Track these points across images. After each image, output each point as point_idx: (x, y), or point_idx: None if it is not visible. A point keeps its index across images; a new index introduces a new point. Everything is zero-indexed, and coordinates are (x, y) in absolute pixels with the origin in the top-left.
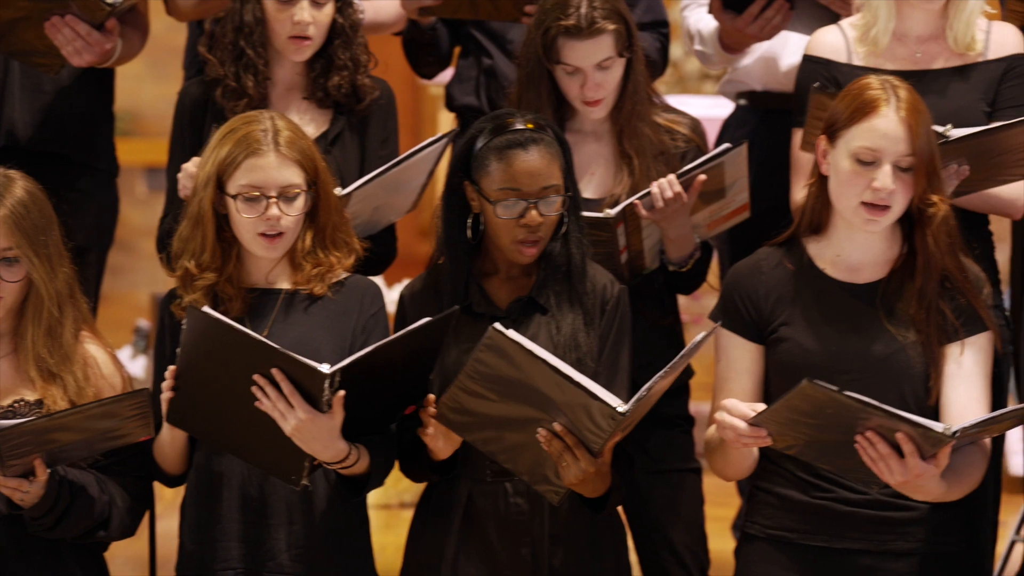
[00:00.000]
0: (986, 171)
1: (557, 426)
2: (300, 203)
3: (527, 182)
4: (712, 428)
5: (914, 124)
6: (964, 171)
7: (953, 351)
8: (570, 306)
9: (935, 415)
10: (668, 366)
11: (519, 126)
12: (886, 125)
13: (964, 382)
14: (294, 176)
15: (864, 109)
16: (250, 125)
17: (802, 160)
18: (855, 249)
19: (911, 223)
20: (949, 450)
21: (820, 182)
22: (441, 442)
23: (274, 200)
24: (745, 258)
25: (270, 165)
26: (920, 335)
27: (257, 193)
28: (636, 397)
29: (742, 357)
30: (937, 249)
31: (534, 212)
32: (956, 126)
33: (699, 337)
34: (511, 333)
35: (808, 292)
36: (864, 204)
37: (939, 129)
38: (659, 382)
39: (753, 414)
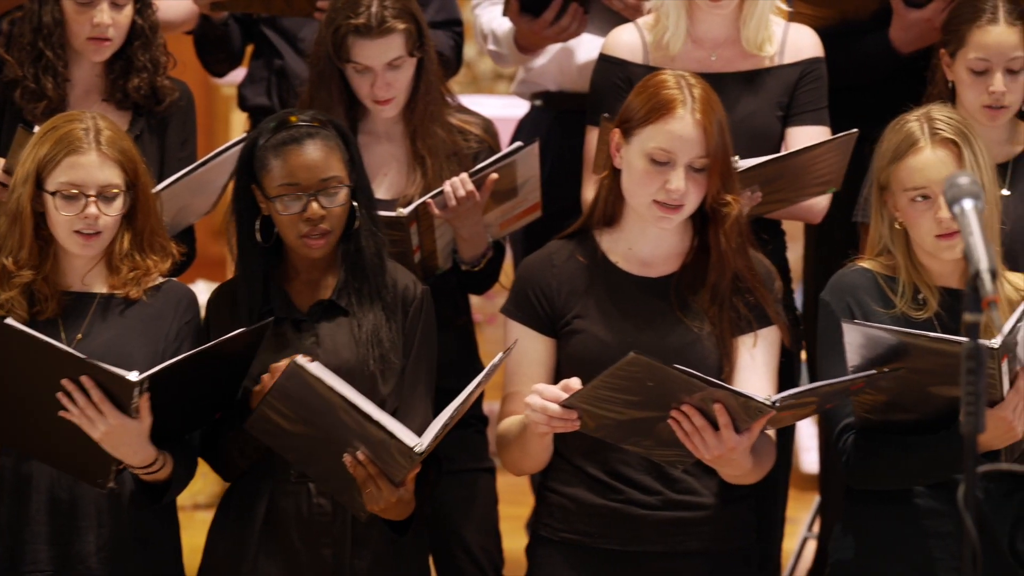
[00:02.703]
0: (784, 192)
1: (360, 455)
2: (119, 204)
3: (305, 175)
4: (506, 421)
5: (708, 125)
6: (756, 197)
7: (746, 342)
8: (371, 303)
9: None
10: (463, 393)
11: (295, 123)
12: (681, 127)
13: (756, 372)
14: (114, 176)
15: (660, 109)
16: (72, 123)
17: (592, 159)
18: (647, 243)
19: (703, 218)
20: (763, 422)
21: (613, 175)
22: None
23: (93, 199)
24: (536, 251)
25: (90, 164)
26: (714, 328)
27: (76, 191)
28: (433, 435)
29: (534, 350)
30: (729, 247)
31: (315, 205)
32: (751, 130)
33: (496, 359)
34: (312, 367)
35: (601, 285)
36: (656, 202)
37: None
38: (456, 413)
39: (565, 396)
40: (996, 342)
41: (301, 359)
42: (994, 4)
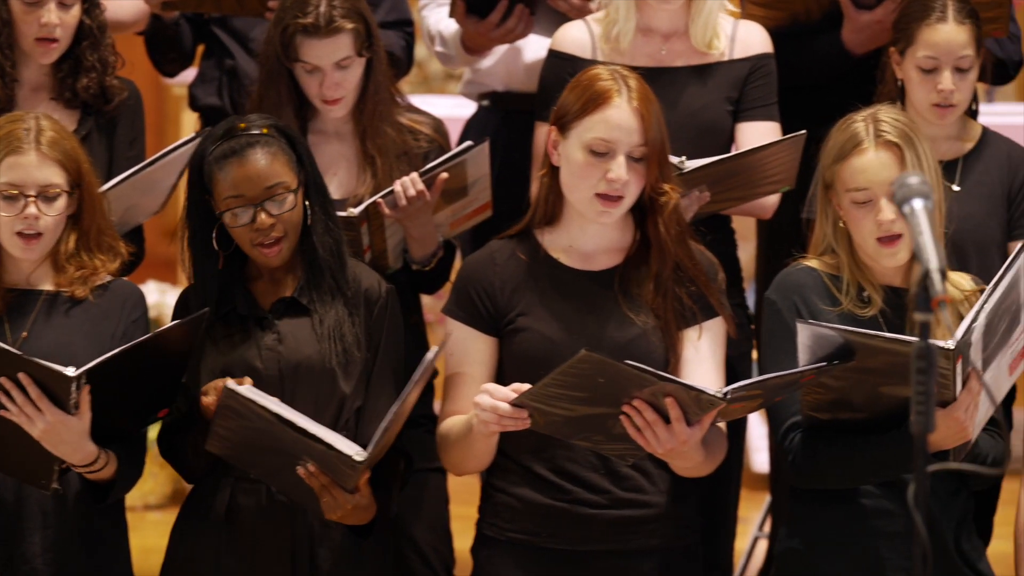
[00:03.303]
0: (738, 190)
1: (311, 467)
2: (60, 204)
3: (248, 186)
4: (448, 422)
5: (646, 114)
6: (704, 197)
7: (691, 335)
8: (332, 299)
9: None
10: (400, 396)
11: (238, 133)
12: (619, 116)
13: (702, 365)
14: (55, 176)
15: (596, 100)
16: (14, 124)
17: (542, 155)
18: (588, 238)
19: (642, 211)
20: (714, 414)
21: (551, 173)
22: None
23: (33, 199)
24: (477, 251)
25: (30, 163)
26: (658, 320)
27: (16, 191)
28: (374, 440)
29: (477, 349)
30: (669, 236)
31: (262, 215)
32: (701, 124)
33: (428, 355)
34: (243, 390)
35: (544, 281)
36: (598, 195)
37: (674, 160)
38: (396, 415)
39: (515, 396)
40: (951, 343)
41: (231, 383)
42: (943, 3)
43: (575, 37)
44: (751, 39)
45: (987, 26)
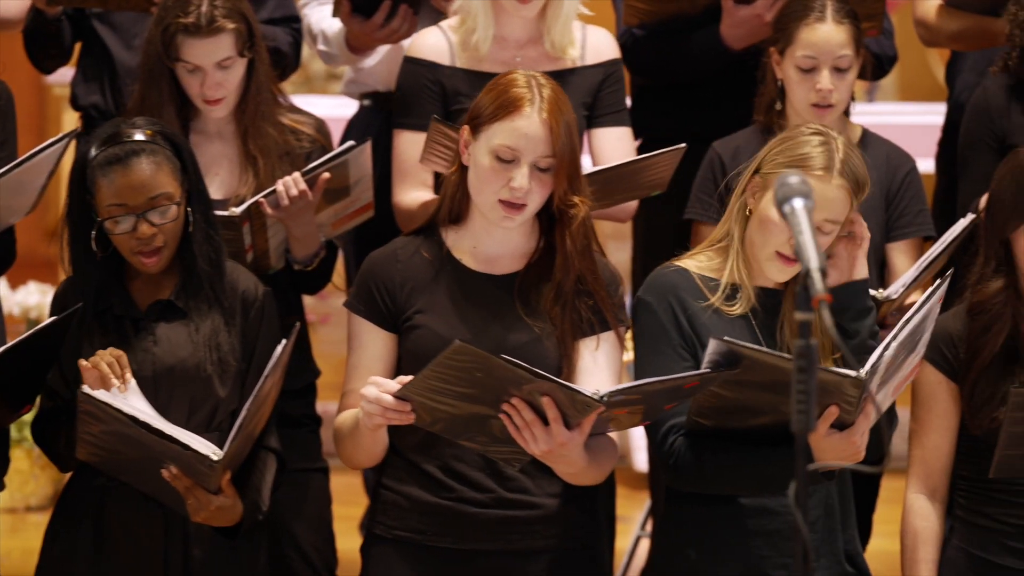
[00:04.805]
0: (614, 196)
1: (174, 469)
2: None
3: (132, 196)
4: (342, 415)
5: (555, 125)
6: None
7: (588, 345)
8: (209, 307)
9: None
10: (253, 391)
11: (123, 138)
12: (527, 126)
13: (597, 376)
14: None
15: (507, 107)
16: None
17: (404, 162)
18: (492, 241)
19: (550, 219)
20: (594, 417)
21: (460, 172)
22: None
23: None
24: (382, 247)
25: None
26: (555, 328)
27: None
28: (230, 440)
29: (375, 344)
30: (574, 249)
31: (144, 225)
32: None
33: (278, 350)
34: (99, 394)
35: (445, 281)
36: (501, 201)
37: None
38: (250, 412)
39: (400, 387)
40: (861, 373)
41: (86, 388)
42: (822, 3)
43: (433, 43)
44: (601, 45)
45: (863, 24)
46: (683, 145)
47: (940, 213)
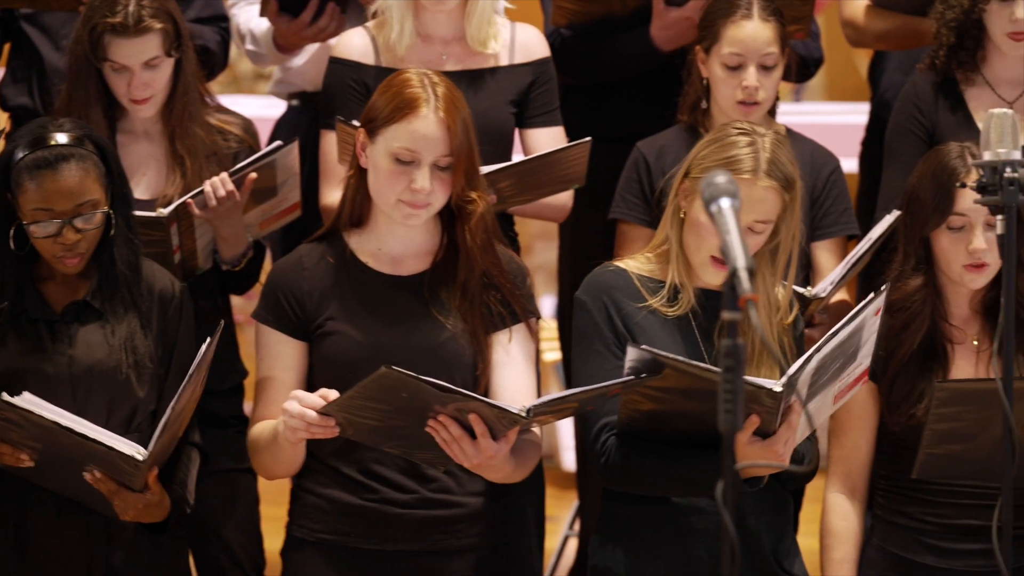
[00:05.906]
0: (529, 192)
1: (97, 473)
2: None
3: (59, 201)
4: (258, 427)
5: (452, 124)
6: (491, 199)
7: (501, 339)
8: (125, 310)
9: None
10: (178, 391)
11: (51, 142)
12: (425, 127)
13: (513, 369)
14: None
15: (403, 109)
16: None
17: (330, 163)
18: (396, 242)
19: (451, 216)
20: (519, 429)
21: (359, 175)
22: None
23: None
24: (286, 255)
25: None
26: (467, 324)
27: None
28: (154, 439)
29: (286, 354)
30: (475, 244)
31: (69, 232)
32: (484, 127)
33: (201, 351)
34: (19, 400)
35: (352, 285)
36: (402, 201)
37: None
38: (174, 412)
39: (324, 403)
40: (778, 386)
41: (6, 396)
42: (748, 1)
43: (357, 44)
44: (531, 44)
45: (790, 26)
46: (588, 139)
47: (864, 211)
